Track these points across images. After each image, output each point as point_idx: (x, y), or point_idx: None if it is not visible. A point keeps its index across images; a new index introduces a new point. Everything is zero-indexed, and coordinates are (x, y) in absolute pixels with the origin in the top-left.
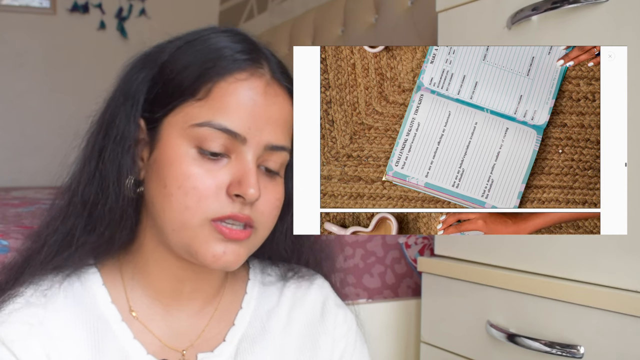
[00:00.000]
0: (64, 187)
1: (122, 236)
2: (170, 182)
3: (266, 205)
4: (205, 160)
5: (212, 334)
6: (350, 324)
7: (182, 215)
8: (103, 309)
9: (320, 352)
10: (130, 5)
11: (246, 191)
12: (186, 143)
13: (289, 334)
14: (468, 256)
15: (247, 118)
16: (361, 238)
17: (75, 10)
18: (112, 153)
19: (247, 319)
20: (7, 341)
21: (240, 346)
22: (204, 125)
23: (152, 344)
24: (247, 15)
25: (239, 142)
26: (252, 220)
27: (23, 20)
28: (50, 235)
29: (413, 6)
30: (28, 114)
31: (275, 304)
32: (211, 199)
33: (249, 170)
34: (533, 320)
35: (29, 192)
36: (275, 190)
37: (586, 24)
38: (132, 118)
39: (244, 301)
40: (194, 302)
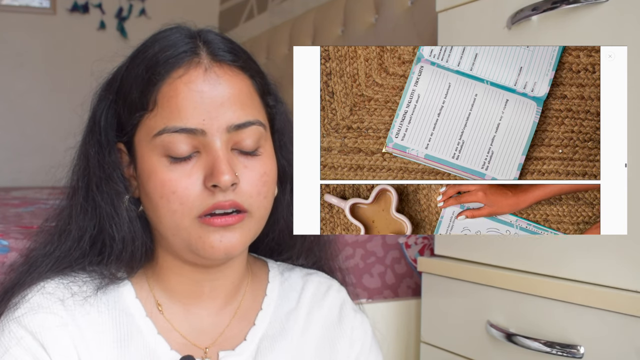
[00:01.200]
0: (57, 213)
1: (141, 251)
2: (153, 194)
3: (250, 185)
4: (177, 163)
5: (233, 333)
6: (366, 328)
7: (173, 220)
8: (128, 303)
9: (338, 354)
10: (130, 5)
11: (219, 178)
12: (155, 154)
13: (307, 336)
14: (468, 256)
15: (197, 111)
16: (361, 238)
17: (75, 10)
18: (97, 182)
19: (267, 319)
20: (36, 332)
21: (260, 345)
22: (163, 133)
23: (176, 341)
24: (247, 15)
25: (199, 135)
26: (239, 204)
27: (23, 20)
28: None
29: (413, 6)
30: (28, 114)
31: (294, 306)
32: (192, 197)
33: (218, 158)
34: (533, 320)
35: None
36: (258, 167)
37: (586, 24)
38: (105, 145)
39: (264, 303)
40: (215, 301)
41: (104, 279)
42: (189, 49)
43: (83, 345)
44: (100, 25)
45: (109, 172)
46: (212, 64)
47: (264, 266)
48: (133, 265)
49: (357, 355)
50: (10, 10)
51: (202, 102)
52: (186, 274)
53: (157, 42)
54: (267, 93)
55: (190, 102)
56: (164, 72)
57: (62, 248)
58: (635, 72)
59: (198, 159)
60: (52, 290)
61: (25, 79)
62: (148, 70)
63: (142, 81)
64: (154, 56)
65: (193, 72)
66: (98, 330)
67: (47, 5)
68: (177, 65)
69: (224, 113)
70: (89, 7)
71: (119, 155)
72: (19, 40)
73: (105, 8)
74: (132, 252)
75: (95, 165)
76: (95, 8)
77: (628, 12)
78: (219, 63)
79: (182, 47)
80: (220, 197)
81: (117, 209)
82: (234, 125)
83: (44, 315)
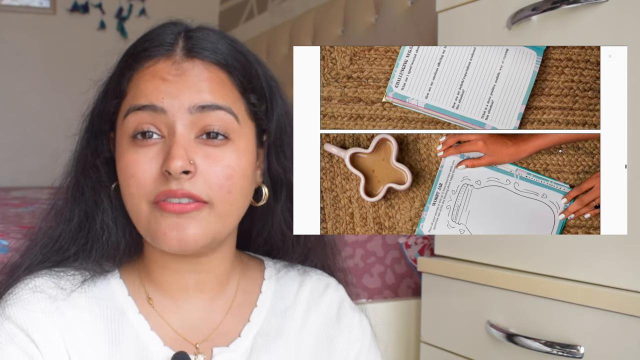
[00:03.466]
0: (52, 196)
1: (126, 241)
2: (120, 177)
3: (210, 175)
4: (140, 146)
5: (227, 329)
6: (365, 327)
7: (132, 204)
8: (121, 301)
9: (336, 353)
10: (130, 5)
11: (169, 164)
12: (124, 138)
13: (304, 334)
14: (468, 256)
15: (158, 91)
16: (361, 238)
17: (75, 10)
18: (83, 166)
19: (262, 316)
20: (25, 327)
21: (255, 342)
22: (128, 114)
23: (168, 336)
24: (247, 15)
25: (160, 115)
26: (194, 194)
27: (23, 20)
28: (37, 241)
29: (413, 6)
30: (28, 114)
31: (290, 304)
32: (148, 182)
33: (174, 143)
34: (533, 320)
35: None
36: (223, 157)
37: (586, 24)
38: (96, 132)
39: (258, 300)
40: (201, 295)
41: (94, 273)
42: (166, 42)
43: (73, 343)
44: (100, 25)
45: (93, 161)
46: (183, 59)
47: (260, 264)
48: (118, 256)
49: (356, 355)
50: (10, 10)
51: (166, 85)
52: (168, 265)
53: (144, 36)
54: (249, 90)
55: (152, 84)
56: (136, 63)
57: (55, 231)
58: (635, 72)
59: (162, 142)
60: (42, 287)
61: (25, 79)
62: (125, 61)
63: (119, 71)
64: (134, 48)
65: (162, 64)
66: (89, 328)
67: (47, 5)
68: (149, 57)
69: (187, 93)
70: (89, 7)
71: (109, 145)
72: (18, 40)
73: (105, 8)
74: (116, 241)
75: (85, 153)
76: (95, 8)
77: (628, 12)
78: (191, 59)
79: (159, 41)
80: (175, 184)
81: (99, 197)
82: (196, 105)
83: (34, 314)
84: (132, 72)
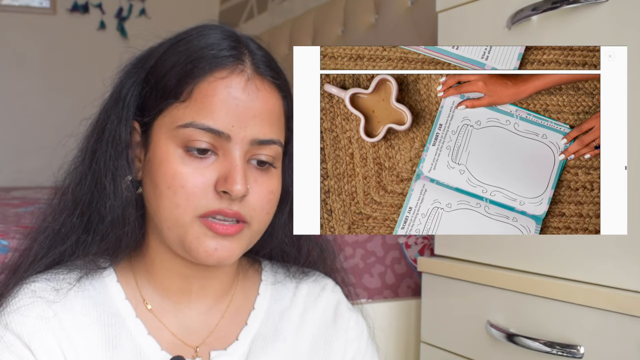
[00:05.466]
0: (57, 186)
1: (128, 237)
2: (160, 182)
3: (257, 199)
4: (193, 158)
5: (224, 332)
6: (362, 328)
7: (173, 213)
8: (118, 305)
9: (332, 354)
10: (130, 5)
11: (232, 187)
12: (173, 144)
13: (301, 336)
14: (468, 256)
15: (229, 116)
16: (361, 238)
17: (75, 10)
18: (104, 154)
19: (260, 319)
20: (22, 335)
21: (253, 346)
22: (188, 126)
23: (166, 340)
24: (247, 15)
25: (223, 139)
26: (242, 215)
27: (23, 20)
28: (40, 233)
29: (413, 6)
30: (28, 114)
31: (287, 306)
32: (199, 196)
33: (235, 167)
34: (533, 320)
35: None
36: (268, 183)
37: (586, 24)
38: (124, 121)
39: (256, 302)
40: (204, 299)
41: (88, 271)
42: (235, 54)
43: (70, 348)
44: (100, 25)
45: (119, 149)
46: (254, 76)
47: (258, 266)
48: (117, 252)
49: (353, 356)
50: (10, 10)
51: (237, 109)
52: (176, 269)
53: (202, 37)
54: (290, 117)
55: (225, 105)
56: (207, 69)
57: (57, 220)
58: (635, 72)
59: (215, 160)
60: (39, 291)
61: (25, 79)
62: (190, 62)
63: (181, 70)
64: (199, 50)
65: (235, 78)
66: (86, 332)
67: (47, 5)
68: (221, 66)
69: (254, 126)
70: (89, 7)
71: (130, 134)
72: (19, 40)
73: (105, 8)
74: (119, 236)
75: (109, 138)
76: (95, 8)
77: (628, 12)
78: (261, 77)
79: (227, 49)
80: (226, 204)
81: (115, 187)
82: (258, 140)
83: (30, 320)
84: (200, 78)
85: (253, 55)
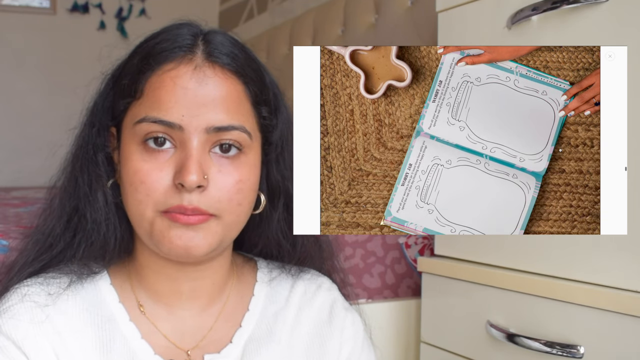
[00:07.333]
0: (49, 191)
1: (115, 241)
2: (125, 180)
3: (221, 189)
4: (151, 154)
5: (219, 335)
6: (357, 327)
7: (138, 209)
8: (111, 308)
9: (328, 354)
10: (130, 5)
11: (185, 178)
12: (134, 142)
13: (296, 337)
14: (468, 256)
15: (178, 105)
16: (361, 238)
17: (75, 10)
18: (82, 160)
19: (254, 320)
20: (15, 339)
21: (246, 348)
22: (142, 122)
23: (159, 344)
24: (247, 15)
25: (176, 130)
26: (202, 210)
27: (23, 20)
28: (32, 237)
29: (413, 6)
30: (28, 114)
31: (282, 306)
32: (159, 191)
33: (189, 157)
34: (533, 320)
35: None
36: (235, 172)
37: (586, 24)
38: (97, 126)
39: (251, 303)
40: (196, 301)
41: (81, 275)
42: (186, 44)
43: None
44: (100, 25)
45: (92, 154)
46: (204, 63)
47: (253, 265)
48: (106, 256)
49: (348, 355)
50: (10, 10)
51: (185, 98)
52: (163, 271)
53: (160, 35)
54: (261, 103)
55: (173, 96)
56: (155, 63)
57: (47, 228)
58: (635, 72)
59: (174, 154)
60: (32, 295)
61: (25, 79)
62: (142, 60)
63: (134, 69)
64: (152, 47)
65: (182, 68)
66: (79, 336)
67: (47, 5)
68: (170, 59)
69: (205, 113)
70: (89, 7)
71: (109, 139)
72: (19, 40)
73: (105, 8)
74: (104, 239)
75: (84, 144)
76: (95, 8)
77: (628, 12)
78: (212, 63)
79: (180, 42)
80: (185, 198)
81: (93, 191)
82: (213, 127)
83: (24, 325)
84: (150, 73)
85: (208, 44)
